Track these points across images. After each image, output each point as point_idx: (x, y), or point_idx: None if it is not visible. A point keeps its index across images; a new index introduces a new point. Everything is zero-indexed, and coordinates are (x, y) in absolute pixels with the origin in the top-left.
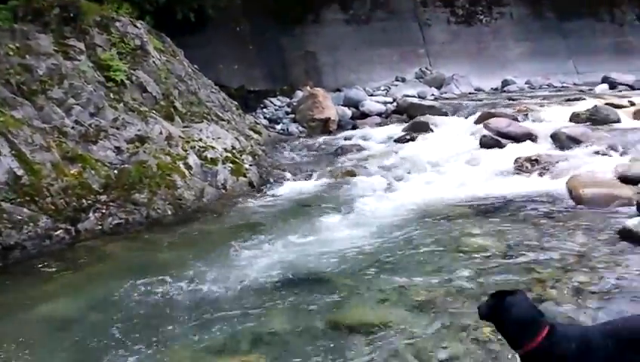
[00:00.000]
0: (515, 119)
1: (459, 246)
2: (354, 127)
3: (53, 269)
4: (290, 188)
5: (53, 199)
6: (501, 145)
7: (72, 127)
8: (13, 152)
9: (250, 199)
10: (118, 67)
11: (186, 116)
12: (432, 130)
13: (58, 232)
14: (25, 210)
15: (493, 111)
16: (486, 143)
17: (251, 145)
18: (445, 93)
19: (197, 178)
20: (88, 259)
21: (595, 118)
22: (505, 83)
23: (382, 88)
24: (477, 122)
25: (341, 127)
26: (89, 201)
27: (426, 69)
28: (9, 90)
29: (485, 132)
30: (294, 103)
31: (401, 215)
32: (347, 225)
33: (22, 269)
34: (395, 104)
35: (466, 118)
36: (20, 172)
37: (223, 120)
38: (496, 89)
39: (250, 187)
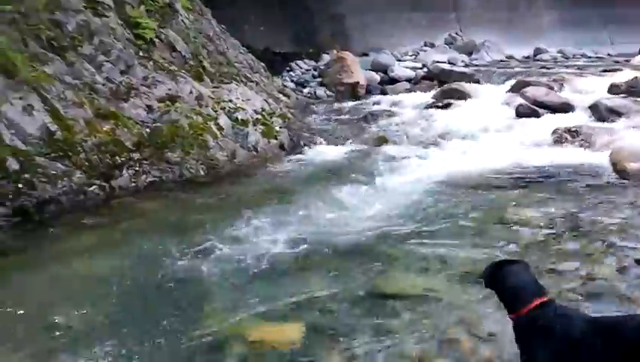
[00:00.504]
0: (551, 88)
1: (500, 217)
2: (382, 93)
3: (89, 224)
4: (322, 152)
5: (87, 155)
6: (538, 115)
7: (103, 84)
8: (46, 108)
9: (281, 162)
10: (147, 25)
11: (215, 76)
12: (465, 98)
13: (92, 188)
14: (59, 164)
15: (528, 79)
16: (522, 112)
17: (280, 108)
18: (476, 60)
19: (228, 139)
20: (123, 215)
21: (635, 90)
22: (537, 51)
23: (410, 53)
24: (511, 90)
25: (369, 92)
26: (122, 159)
27: (456, 34)
28: (40, 45)
29: (521, 101)
30: (321, 67)
31: (437, 184)
32: (382, 193)
33: (57, 223)
34: (424, 70)
35: (500, 85)
36: (53, 127)
37: (252, 81)
38: (527, 57)
39: (281, 150)
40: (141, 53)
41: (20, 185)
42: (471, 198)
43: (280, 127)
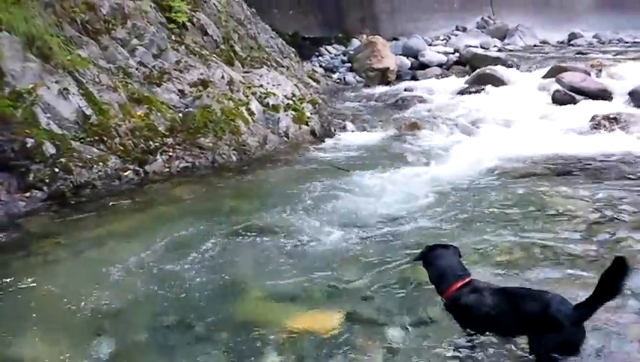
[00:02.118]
0: (588, 74)
1: (537, 206)
2: (413, 78)
3: (123, 209)
4: (354, 138)
5: (122, 140)
6: (575, 102)
7: (137, 68)
8: (81, 91)
9: (313, 148)
10: (179, 8)
11: (246, 61)
12: (499, 83)
13: (127, 173)
14: (94, 149)
15: (564, 65)
16: (559, 99)
17: (311, 94)
18: (509, 44)
19: (260, 124)
20: (156, 200)
21: None
22: (572, 36)
23: (441, 38)
24: (547, 76)
25: (399, 77)
26: (156, 143)
27: (489, 18)
28: (75, 28)
29: (558, 87)
30: (351, 52)
31: (472, 171)
32: (416, 180)
33: (93, 207)
34: (456, 55)
35: (534, 71)
36: (88, 111)
37: (283, 66)
38: (562, 42)
39: (312, 136)
40: (173, 37)
41: (57, 170)
42: (506, 186)
43: (311, 113)
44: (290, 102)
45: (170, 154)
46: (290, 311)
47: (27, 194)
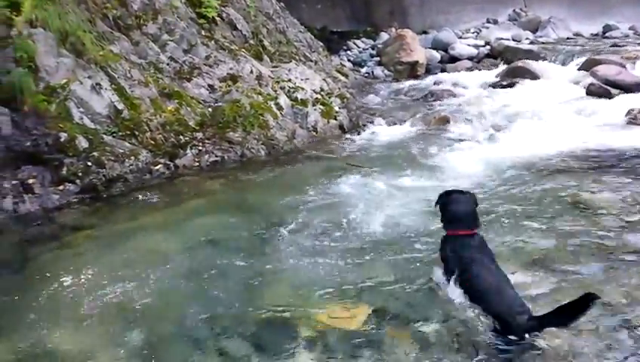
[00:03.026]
0: (624, 67)
1: (571, 201)
2: (443, 71)
3: (154, 202)
4: (382, 133)
5: (153, 134)
6: (610, 95)
7: (167, 64)
8: (113, 86)
9: (341, 143)
10: (209, 3)
11: (275, 56)
12: (532, 77)
13: (158, 167)
14: (126, 143)
15: (599, 57)
16: (593, 92)
17: (339, 88)
18: (541, 37)
19: (288, 119)
20: (187, 194)
21: None
22: (607, 28)
23: (472, 31)
24: (581, 69)
25: (429, 71)
26: (186, 138)
27: (521, 10)
28: (107, 24)
29: (592, 80)
30: (379, 45)
31: (504, 166)
32: (446, 175)
33: (125, 201)
34: (488, 47)
35: (568, 64)
36: (120, 106)
37: (311, 60)
38: (596, 34)
39: (340, 130)
40: (203, 32)
41: (89, 163)
42: (539, 182)
43: (339, 108)
44: (319, 96)
45: (200, 148)
46: (319, 304)
47: (60, 188)
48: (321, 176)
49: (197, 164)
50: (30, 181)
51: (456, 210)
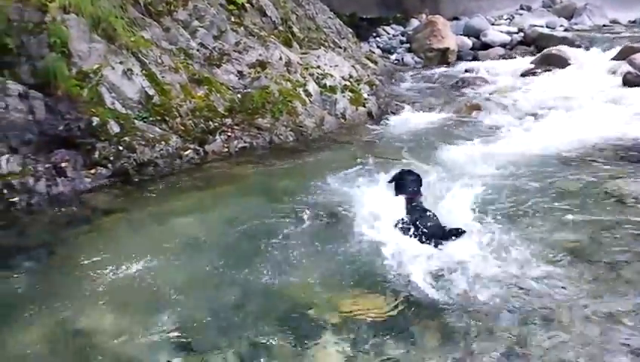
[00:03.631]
0: None
1: (605, 192)
2: (474, 59)
3: (184, 187)
4: (411, 120)
5: (183, 120)
6: None
7: (197, 50)
8: (144, 72)
9: (370, 130)
10: None
11: (304, 42)
12: (566, 65)
13: (187, 152)
14: (157, 128)
15: (636, 45)
16: (630, 81)
17: (368, 75)
18: (576, 24)
19: (316, 106)
20: (215, 179)
21: None
22: None
23: (505, 17)
24: (617, 58)
25: (460, 58)
26: (215, 124)
27: None
28: (138, 10)
29: (629, 68)
30: (409, 32)
31: (536, 155)
32: (476, 164)
33: (155, 185)
34: (521, 34)
35: (604, 52)
36: (151, 92)
37: (340, 47)
38: (634, 22)
39: (369, 117)
40: (233, 19)
41: (121, 148)
42: (572, 172)
43: (368, 95)
44: (348, 83)
45: (229, 134)
46: (346, 293)
47: (92, 171)
48: (348, 163)
49: (226, 149)
50: (63, 164)
51: (403, 183)
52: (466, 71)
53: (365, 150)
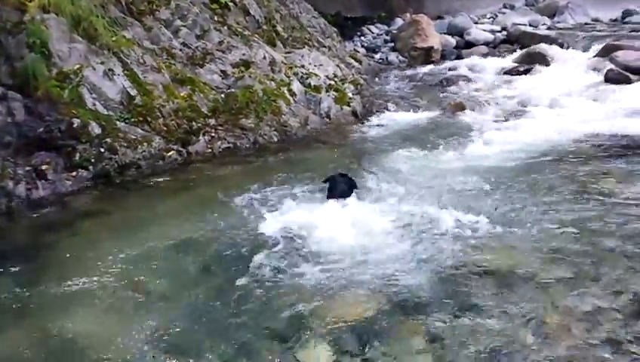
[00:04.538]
0: None
1: (587, 189)
2: (458, 57)
3: (167, 189)
4: (396, 119)
5: (165, 120)
6: (629, 81)
7: (180, 49)
8: (125, 72)
9: (354, 130)
10: None
11: (288, 41)
12: (549, 62)
13: (170, 153)
14: (139, 130)
15: (618, 43)
16: (612, 78)
17: (353, 74)
18: (559, 22)
19: (301, 105)
20: (199, 180)
21: None
22: (627, 13)
23: (488, 16)
24: (599, 55)
25: (444, 56)
26: (199, 124)
27: None
28: (119, 9)
29: (611, 66)
30: (394, 31)
31: (518, 153)
32: (459, 163)
33: (137, 187)
34: (504, 33)
35: (586, 50)
36: (132, 92)
37: (324, 46)
38: (615, 20)
39: (354, 117)
40: (216, 18)
41: (102, 150)
42: (555, 169)
43: (352, 94)
44: (332, 82)
45: (213, 134)
46: (333, 296)
47: (73, 174)
48: (332, 162)
49: (209, 150)
50: (43, 167)
51: (336, 185)
52: (450, 69)
53: (348, 149)
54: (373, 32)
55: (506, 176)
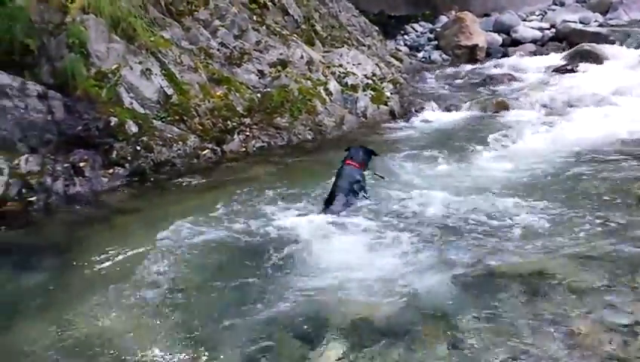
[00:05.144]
0: None
1: (633, 194)
2: (504, 55)
3: (200, 187)
4: (435, 119)
5: (201, 119)
6: None
7: (218, 49)
8: (163, 72)
9: (391, 129)
10: None
11: (327, 40)
12: (599, 61)
13: (205, 152)
14: (175, 128)
15: None
16: None
17: (392, 73)
18: (611, 19)
19: (337, 104)
20: (233, 179)
21: None
22: None
23: (537, 13)
24: None
25: (489, 55)
26: (234, 123)
27: None
28: (158, 10)
29: None
30: (438, 29)
31: (563, 154)
32: (501, 164)
33: (172, 185)
34: (552, 30)
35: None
36: (169, 91)
37: (364, 45)
38: None
39: (390, 116)
40: (255, 18)
41: (138, 148)
42: (600, 170)
43: (391, 93)
44: (370, 81)
45: (247, 133)
46: (354, 295)
47: (110, 171)
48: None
49: (244, 149)
50: (81, 164)
51: (351, 152)
52: (495, 68)
53: (383, 149)
54: (416, 31)
55: (545, 178)
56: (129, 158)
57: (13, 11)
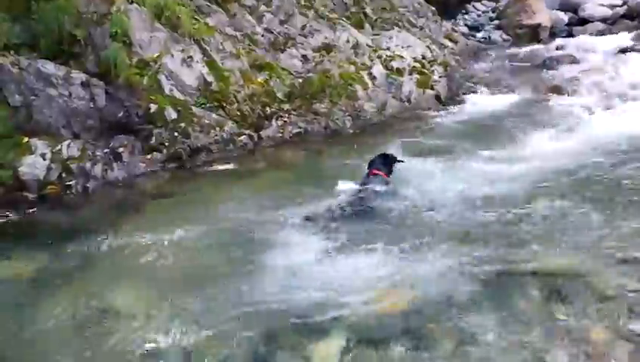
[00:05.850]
0: None
1: None
2: (569, 35)
3: (235, 173)
4: (482, 103)
5: (240, 106)
6: None
7: (262, 35)
8: (204, 58)
9: (435, 115)
10: None
11: (377, 23)
12: None
13: (242, 138)
14: (213, 115)
15: None
16: None
17: (444, 55)
18: None
19: (380, 89)
20: (267, 165)
21: None
22: None
23: None
24: None
25: (553, 34)
26: (272, 109)
27: None
28: None
29: None
30: (500, 8)
31: (620, 144)
32: (549, 154)
33: (207, 170)
34: (625, 8)
35: None
36: (210, 78)
37: (416, 27)
38: None
39: (436, 100)
40: (302, 2)
41: (176, 134)
42: None
43: (439, 76)
44: (418, 65)
45: (285, 119)
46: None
47: (148, 157)
48: (404, 151)
49: (280, 135)
50: (120, 149)
51: (375, 161)
52: (557, 48)
53: (425, 135)
54: (478, 10)
55: (601, 169)
56: (166, 144)
57: (62, 3)
